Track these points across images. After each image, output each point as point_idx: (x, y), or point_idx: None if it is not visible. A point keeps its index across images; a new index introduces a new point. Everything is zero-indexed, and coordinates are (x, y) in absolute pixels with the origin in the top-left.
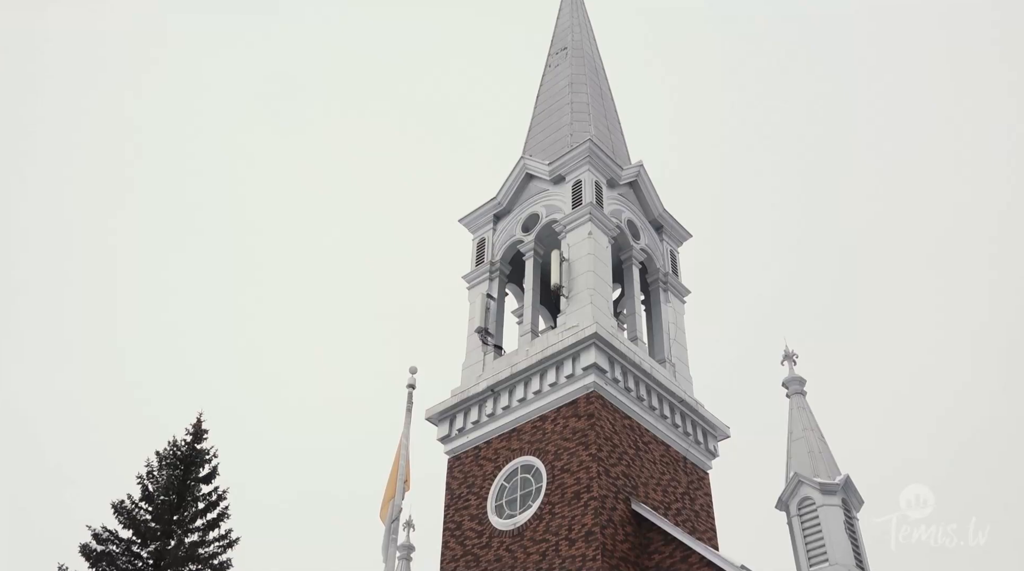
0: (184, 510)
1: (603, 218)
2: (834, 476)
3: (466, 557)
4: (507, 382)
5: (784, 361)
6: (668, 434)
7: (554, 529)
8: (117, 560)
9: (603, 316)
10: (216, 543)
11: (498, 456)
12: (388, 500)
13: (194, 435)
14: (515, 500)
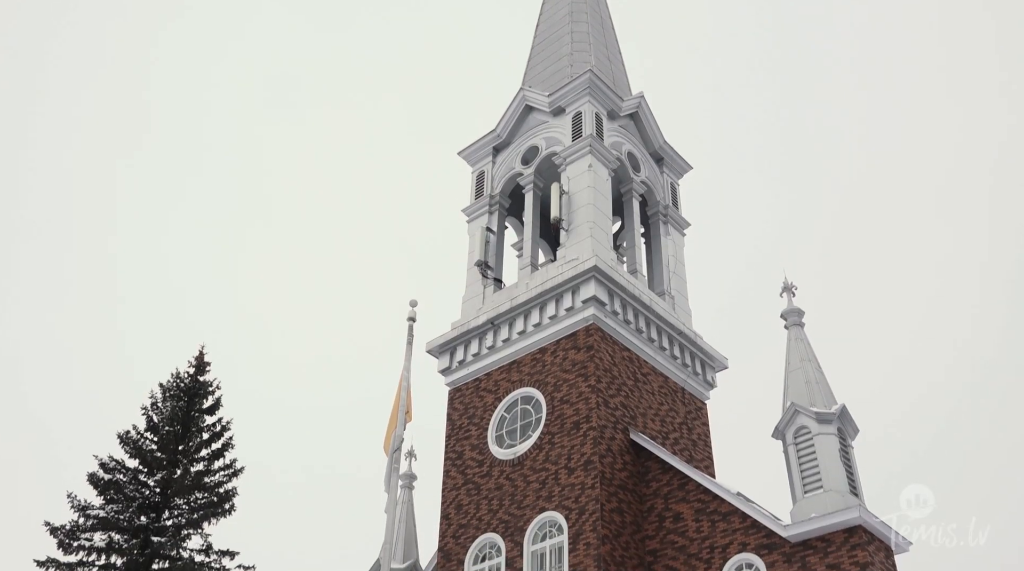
0: (189, 440)
1: (603, 150)
2: (830, 405)
3: (467, 485)
4: (507, 315)
5: (783, 293)
6: (667, 365)
7: (553, 458)
8: (125, 488)
9: (603, 249)
10: (221, 472)
11: (498, 388)
12: (391, 431)
13: (197, 368)
14: (515, 430)
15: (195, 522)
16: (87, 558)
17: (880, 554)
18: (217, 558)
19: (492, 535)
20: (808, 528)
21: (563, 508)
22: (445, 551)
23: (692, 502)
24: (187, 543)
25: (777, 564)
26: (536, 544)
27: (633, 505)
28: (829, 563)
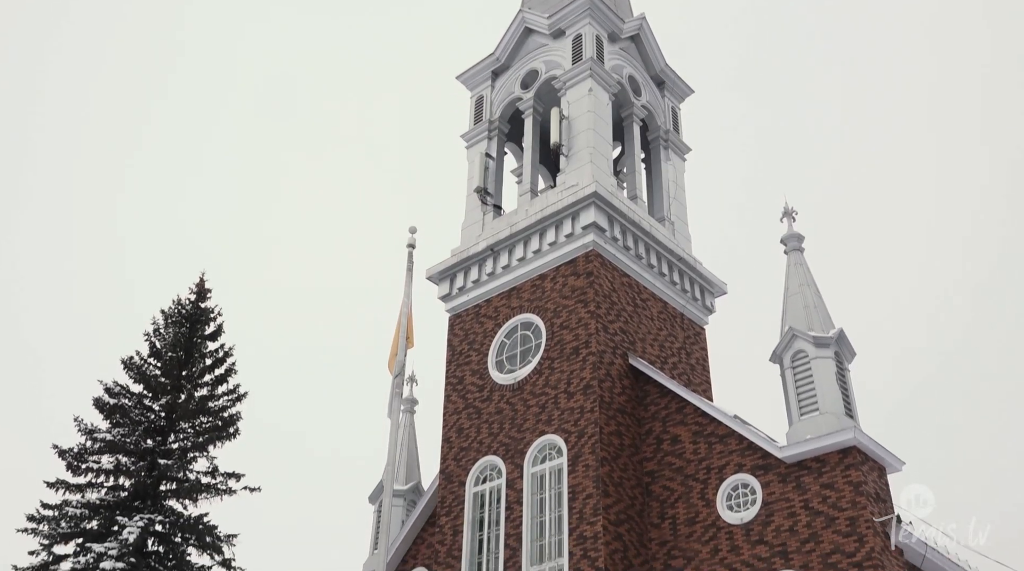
0: (192, 366)
1: (604, 74)
2: (828, 330)
3: (468, 410)
4: (506, 242)
5: (783, 218)
6: (666, 291)
7: (553, 383)
8: (130, 412)
9: (603, 175)
10: (225, 397)
11: (498, 314)
12: (392, 357)
13: (198, 294)
14: (515, 356)
15: (200, 445)
16: (96, 479)
17: (874, 474)
18: (223, 480)
19: (493, 458)
20: (803, 449)
21: (562, 431)
22: (447, 473)
23: (690, 425)
24: (193, 465)
25: (772, 484)
26: (536, 466)
27: (631, 428)
28: (823, 483)
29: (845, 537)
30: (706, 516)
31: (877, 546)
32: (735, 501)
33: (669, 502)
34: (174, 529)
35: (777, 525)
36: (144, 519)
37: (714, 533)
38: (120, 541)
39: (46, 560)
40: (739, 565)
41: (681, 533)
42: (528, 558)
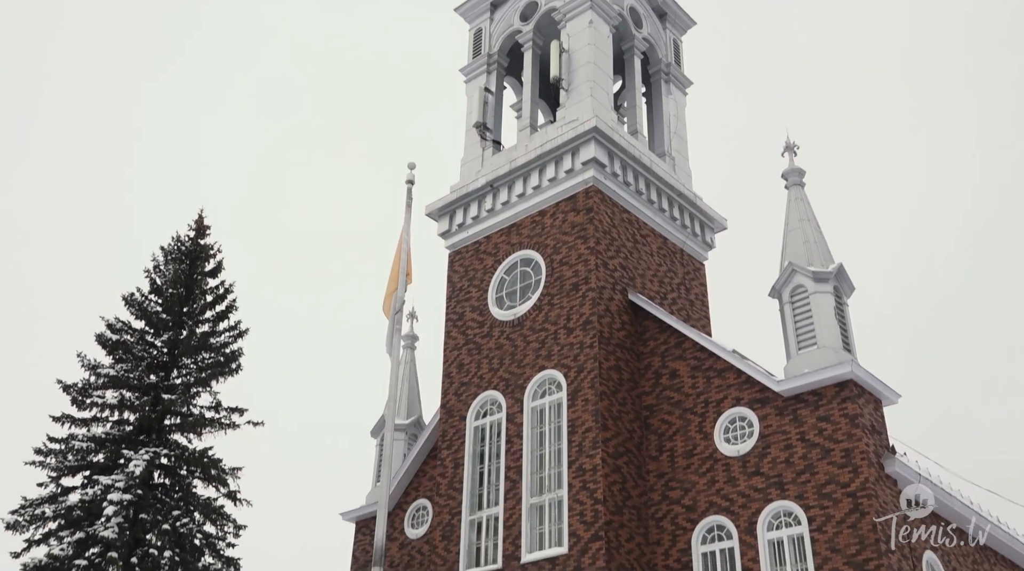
0: (193, 302)
1: (604, 5)
2: (827, 265)
3: (468, 345)
4: (506, 178)
5: (785, 152)
6: (666, 227)
7: (553, 319)
8: (133, 348)
9: (603, 109)
10: (227, 333)
11: (498, 250)
12: (391, 293)
13: (197, 231)
14: (515, 292)
15: (203, 380)
16: (100, 414)
17: (869, 406)
18: (227, 414)
19: (493, 392)
20: (801, 383)
21: (562, 366)
22: (447, 408)
23: (688, 359)
24: (197, 400)
25: (769, 417)
26: (536, 400)
27: (630, 363)
28: (820, 415)
29: (840, 468)
30: (704, 448)
31: (871, 476)
32: (732, 434)
33: (667, 435)
34: (179, 462)
35: (773, 457)
36: (150, 452)
37: (711, 465)
38: (127, 474)
39: (55, 492)
40: (735, 496)
41: (679, 465)
42: (528, 490)
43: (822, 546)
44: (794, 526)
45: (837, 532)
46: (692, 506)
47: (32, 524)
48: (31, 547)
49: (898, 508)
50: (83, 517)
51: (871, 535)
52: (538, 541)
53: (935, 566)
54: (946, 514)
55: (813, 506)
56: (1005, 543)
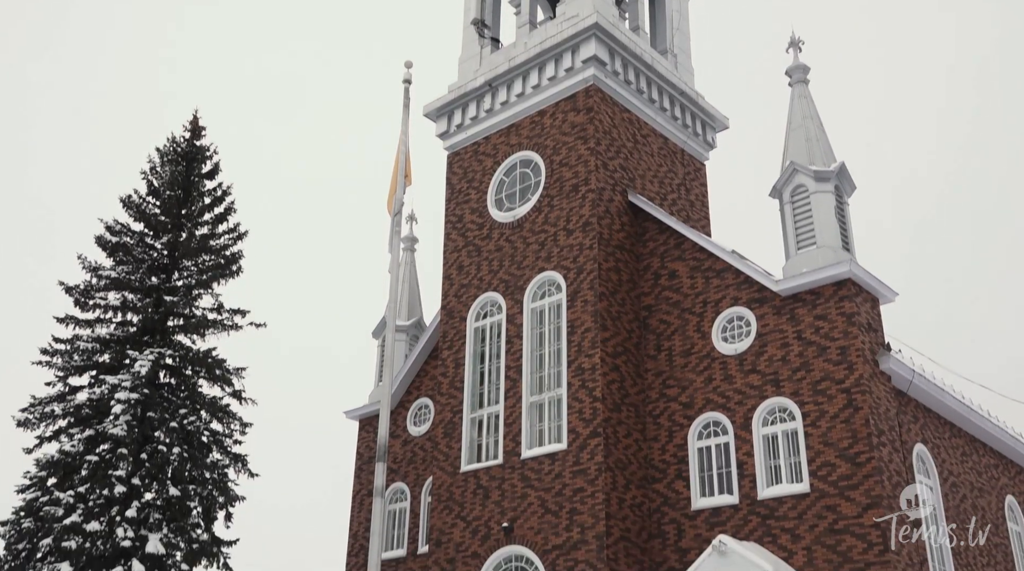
0: (191, 204)
1: None
2: (829, 163)
3: (468, 247)
4: (505, 77)
5: (789, 48)
6: (667, 126)
7: (552, 220)
8: (133, 250)
9: (604, 4)
10: (226, 235)
11: (497, 151)
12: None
13: (192, 132)
14: (514, 194)
15: (205, 283)
16: (104, 315)
17: (867, 305)
18: (229, 316)
19: (493, 294)
20: (799, 282)
21: (562, 268)
22: (448, 309)
23: (687, 260)
24: (199, 302)
25: (767, 316)
26: (535, 302)
27: (630, 264)
28: (817, 314)
29: (835, 365)
30: (701, 348)
31: (866, 373)
32: (730, 333)
33: (665, 335)
34: (184, 362)
35: (770, 355)
36: (154, 353)
37: (708, 363)
38: (133, 373)
39: (62, 391)
40: (731, 393)
41: (676, 364)
42: (528, 388)
43: (815, 440)
44: (788, 421)
45: (830, 427)
46: (689, 403)
47: (42, 422)
48: (43, 443)
49: (890, 408)
50: (92, 415)
51: (863, 429)
52: (538, 438)
53: (925, 458)
54: (939, 409)
55: (807, 402)
56: (994, 435)
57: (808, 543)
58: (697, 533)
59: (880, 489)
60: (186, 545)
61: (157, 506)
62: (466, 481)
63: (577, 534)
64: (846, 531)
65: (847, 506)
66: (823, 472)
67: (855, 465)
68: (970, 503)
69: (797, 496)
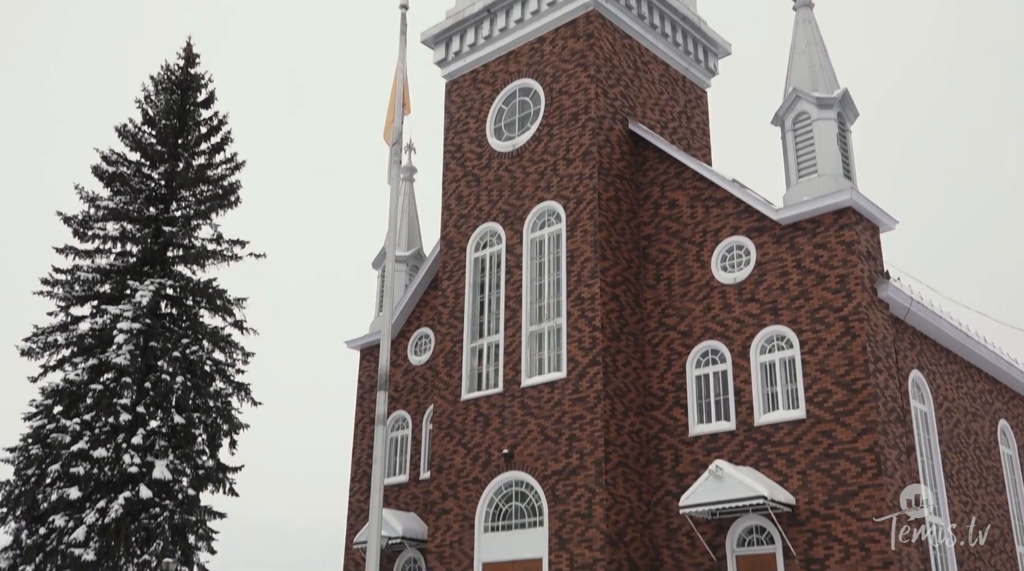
0: (187, 134)
1: None
2: (832, 90)
3: (467, 177)
4: (504, 2)
5: None
6: (668, 53)
7: (552, 149)
8: (130, 181)
9: None
10: (223, 165)
11: (496, 79)
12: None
13: (186, 59)
14: (513, 123)
15: (203, 213)
16: (103, 246)
17: (867, 233)
18: (228, 247)
19: (492, 224)
20: (799, 211)
21: (561, 198)
22: (447, 239)
23: (688, 189)
24: (198, 233)
25: (766, 245)
26: (535, 232)
27: (630, 193)
28: (817, 243)
29: (834, 293)
30: (700, 277)
31: (864, 301)
32: (729, 262)
33: (665, 264)
34: (184, 293)
35: (769, 284)
36: (155, 283)
37: (707, 293)
38: (134, 303)
39: (65, 320)
40: (730, 321)
41: (676, 293)
42: (528, 318)
43: (812, 367)
44: (786, 349)
45: (828, 354)
46: (688, 332)
47: (46, 351)
48: (47, 372)
49: (887, 335)
50: (95, 345)
51: (860, 356)
52: (537, 367)
53: (921, 384)
54: (935, 336)
55: (805, 330)
56: (989, 361)
57: (803, 467)
58: (694, 458)
59: (875, 415)
60: (192, 471)
61: (162, 433)
62: (467, 409)
63: (576, 460)
64: (840, 455)
65: (842, 431)
66: (819, 399)
67: (851, 391)
68: (964, 428)
69: (793, 422)
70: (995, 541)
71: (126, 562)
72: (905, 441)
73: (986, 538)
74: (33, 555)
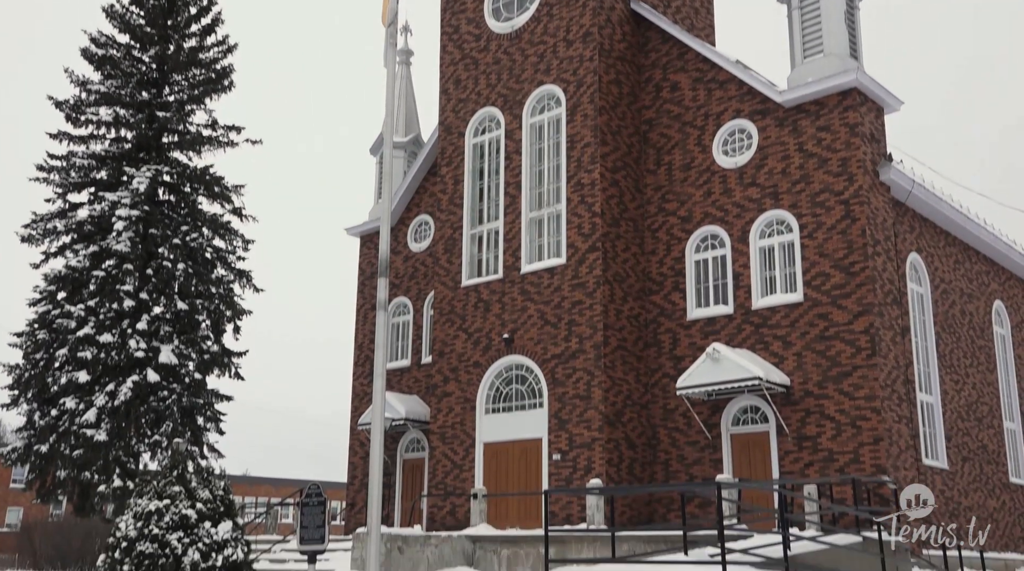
0: (176, 15)
1: None
2: None
3: (465, 60)
4: None
5: None
6: None
7: (552, 31)
8: (120, 64)
9: None
10: (215, 48)
11: None
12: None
13: None
14: (512, 2)
15: (196, 98)
16: (97, 131)
17: (871, 114)
18: (224, 132)
19: (491, 109)
20: (804, 92)
21: (561, 81)
22: (446, 125)
23: (690, 71)
24: (192, 118)
25: (769, 128)
26: (535, 116)
27: (631, 76)
28: (820, 125)
29: (835, 177)
30: (701, 161)
31: (865, 184)
32: (731, 146)
33: (666, 149)
34: (182, 179)
35: (770, 168)
36: (151, 170)
37: (708, 177)
38: (131, 190)
39: (63, 207)
40: (730, 206)
41: (676, 178)
42: (527, 204)
43: (811, 251)
44: (785, 233)
45: (827, 238)
46: (687, 217)
47: (46, 237)
48: (48, 259)
49: (887, 218)
50: (95, 232)
51: (859, 240)
52: (537, 253)
53: (919, 266)
54: (935, 219)
55: (805, 214)
56: (988, 243)
57: (799, 349)
58: (692, 341)
59: (872, 297)
60: (197, 356)
61: (166, 319)
62: (467, 295)
63: (575, 344)
64: (836, 337)
65: (839, 314)
66: (817, 282)
67: (849, 274)
68: (959, 309)
69: (790, 305)
70: (984, 417)
71: (137, 442)
72: (900, 323)
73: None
74: (47, 435)
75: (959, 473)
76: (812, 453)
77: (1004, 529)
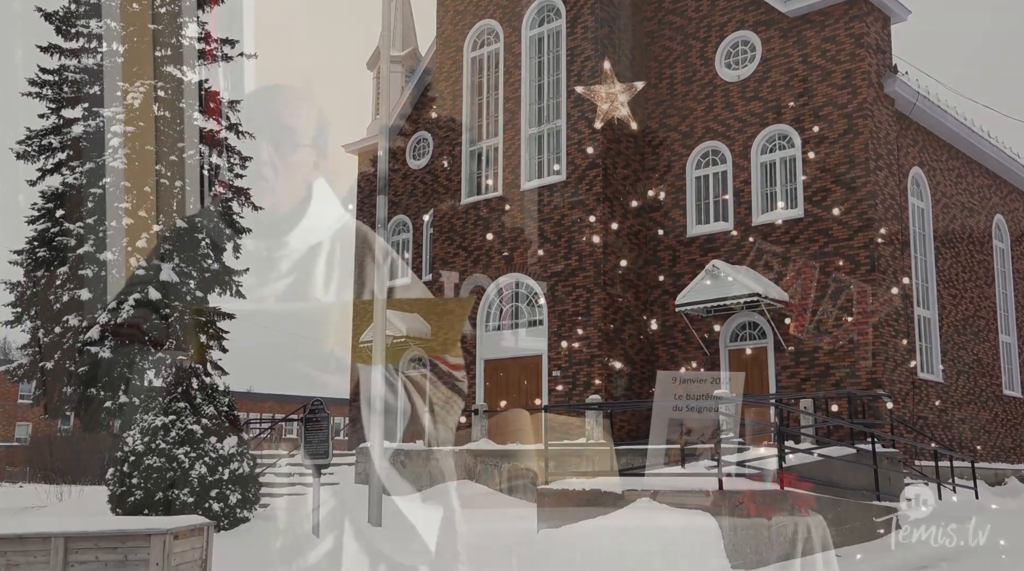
0: None
1: None
2: None
3: None
4: None
5: None
6: None
7: None
8: None
9: None
10: None
11: None
12: None
13: None
14: None
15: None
16: (88, 45)
17: (877, 24)
18: (218, 46)
19: (490, 21)
20: (809, 1)
21: None
22: (443, 38)
23: None
24: (184, 31)
25: (773, 40)
26: (534, 29)
27: None
28: (825, 36)
29: (839, 90)
30: (704, 75)
31: (869, 97)
32: (734, 59)
33: (667, 62)
34: (176, 96)
35: (773, 81)
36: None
37: (710, 91)
38: (126, 106)
39: (57, 123)
40: (732, 121)
41: (678, 92)
42: (527, 120)
43: (812, 166)
44: (787, 148)
45: (829, 152)
46: (689, 132)
47: (41, 154)
48: (45, 176)
49: (891, 132)
50: (90, 148)
51: (862, 154)
52: (537, 170)
53: (920, 180)
54: (939, 131)
55: (808, 128)
56: (990, 155)
57: (798, 265)
58: (691, 258)
59: (873, 212)
60: (198, 274)
61: (166, 237)
62: (467, 213)
63: (575, 261)
64: (836, 253)
65: (839, 229)
66: (818, 197)
67: (850, 190)
68: (959, 223)
69: (791, 221)
70: (980, 331)
71: (141, 359)
72: (900, 238)
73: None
74: (51, 352)
75: (953, 386)
76: (809, 368)
77: (995, 440)
